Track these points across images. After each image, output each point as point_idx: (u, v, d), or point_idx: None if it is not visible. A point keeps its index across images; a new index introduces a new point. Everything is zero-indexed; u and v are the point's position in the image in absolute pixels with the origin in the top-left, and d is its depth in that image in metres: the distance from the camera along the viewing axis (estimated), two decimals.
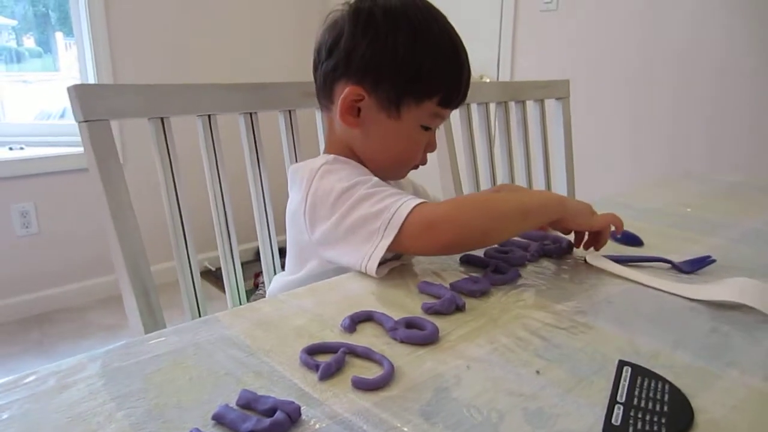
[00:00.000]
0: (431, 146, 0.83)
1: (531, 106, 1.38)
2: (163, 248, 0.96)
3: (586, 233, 0.78)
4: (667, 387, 0.47)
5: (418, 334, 0.55)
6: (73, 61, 2.48)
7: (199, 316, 0.90)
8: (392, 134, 0.79)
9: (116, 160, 0.79)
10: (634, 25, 1.96)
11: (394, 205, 0.69)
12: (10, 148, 2.38)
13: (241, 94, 0.90)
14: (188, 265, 0.88)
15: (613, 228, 0.78)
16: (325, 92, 0.81)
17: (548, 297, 0.65)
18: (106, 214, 0.79)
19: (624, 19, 1.97)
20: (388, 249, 0.68)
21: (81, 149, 0.79)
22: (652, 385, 0.47)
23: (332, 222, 0.71)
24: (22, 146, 2.40)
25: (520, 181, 1.37)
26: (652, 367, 0.49)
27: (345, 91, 0.77)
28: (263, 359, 0.52)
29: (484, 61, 2.27)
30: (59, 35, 2.81)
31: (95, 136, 0.77)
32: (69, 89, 0.76)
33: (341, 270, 0.73)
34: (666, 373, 0.48)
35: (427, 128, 0.80)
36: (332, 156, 0.79)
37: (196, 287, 0.90)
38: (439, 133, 1.15)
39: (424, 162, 0.85)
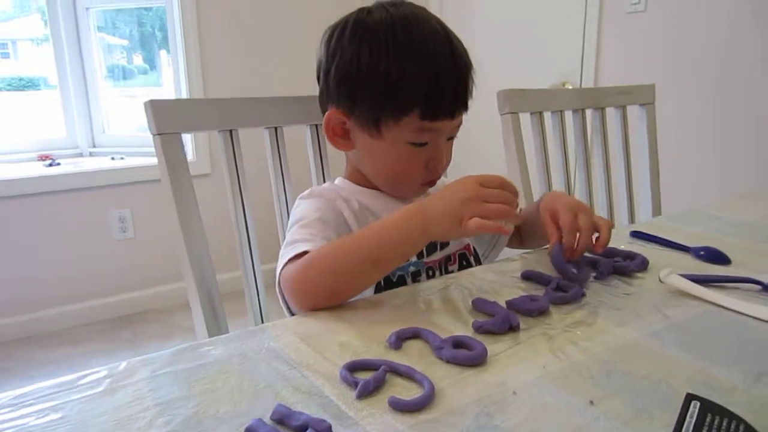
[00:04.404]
0: (434, 161, 0.75)
1: (611, 114, 1.30)
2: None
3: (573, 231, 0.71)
4: (742, 427, 0.41)
5: (464, 355, 0.52)
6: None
7: (262, 323, 0.92)
8: (380, 154, 0.76)
9: (186, 171, 0.83)
10: (729, 27, 1.80)
11: (284, 256, 0.69)
12: (112, 158, 2.58)
13: (306, 106, 0.92)
14: (253, 274, 0.91)
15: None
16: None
17: (613, 319, 0.60)
18: (174, 222, 0.83)
19: (718, 21, 1.83)
20: None
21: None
22: (725, 424, 0.42)
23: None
24: (123, 156, 2.59)
25: (599, 193, 1.30)
26: (727, 403, 0.44)
27: (325, 116, 0.76)
28: (304, 373, 0.51)
29: (565, 67, 2.17)
30: (163, 53, 3.02)
31: (167, 149, 0.81)
32: (145, 104, 0.80)
33: None
34: (743, 412, 0.43)
35: (420, 144, 0.73)
36: (328, 184, 0.82)
37: (260, 297, 0.92)
38: (508, 142, 1.10)
39: (432, 178, 0.78)
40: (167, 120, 0.81)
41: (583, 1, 2.11)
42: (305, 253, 0.67)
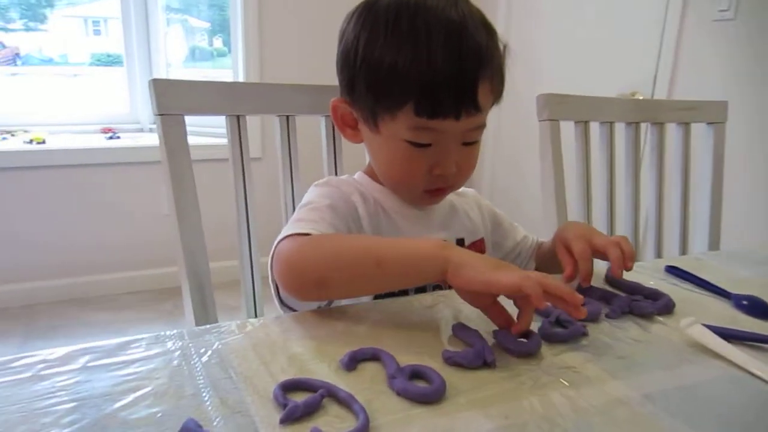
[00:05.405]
0: (440, 167, 0.67)
1: (672, 130, 1.17)
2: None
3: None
4: None
5: (416, 389, 0.46)
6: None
7: (255, 317, 0.89)
8: (378, 151, 0.71)
9: (186, 154, 0.80)
10: None
11: (286, 230, 0.64)
12: None
13: (321, 95, 0.87)
14: (249, 265, 0.87)
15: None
16: None
17: (609, 369, 0.52)
18: (171, 205, 0.80)
19: None
20: None
21: (225, 141, 0.83)
22: None
23: None
24: None
25: (647, 219, 1.17)
26: None
27: (331, 103, 0.73)
28: (239, 385, 0.46)
29: (637, 76, 2.01)
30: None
31: (168, 130, 0.79)
32: (149, 83, 0.78)
33: None
34: None
35: (421, 145, 0.66)
36: (346, 176, 0.79)
37: (255, 289, 0.88)
38: (544, 152, 1.01)
39: (437, 186, 0.70)
40: (170, 101, 0.78)
41: (663, 6, 1.94)
42: (307, 235, 0.63)
